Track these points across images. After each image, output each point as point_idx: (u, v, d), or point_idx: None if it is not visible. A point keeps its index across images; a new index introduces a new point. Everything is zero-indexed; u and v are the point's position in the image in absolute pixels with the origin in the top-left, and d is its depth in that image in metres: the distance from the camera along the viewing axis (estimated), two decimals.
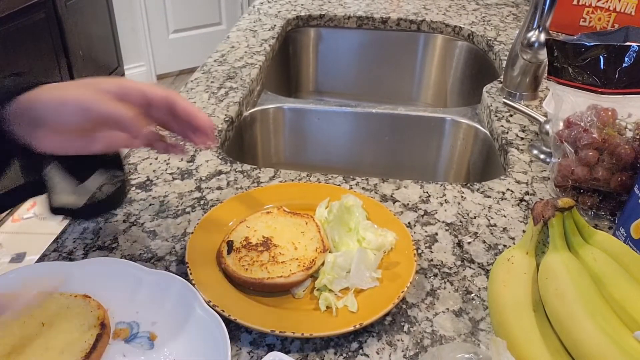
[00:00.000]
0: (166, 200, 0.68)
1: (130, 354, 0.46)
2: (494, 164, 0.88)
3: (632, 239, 0.57)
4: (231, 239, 0.57)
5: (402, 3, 1.44)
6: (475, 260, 0.60)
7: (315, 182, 0.72)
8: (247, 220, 0.60)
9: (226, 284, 0.53)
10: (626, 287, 0.44)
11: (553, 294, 0.44)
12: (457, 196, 0.70)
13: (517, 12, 1.41)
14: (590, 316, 0.41)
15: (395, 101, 1.38)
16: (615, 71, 0.68)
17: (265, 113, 1.02)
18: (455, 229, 0.64)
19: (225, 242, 0.56)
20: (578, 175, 0.64)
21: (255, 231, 0.58)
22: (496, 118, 0.90)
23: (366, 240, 0.56)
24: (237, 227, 0.58)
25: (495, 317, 0.48)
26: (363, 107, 1.05)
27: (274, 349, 0.48)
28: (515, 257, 0.49)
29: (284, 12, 1.35)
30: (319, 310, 0.50)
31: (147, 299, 0.51)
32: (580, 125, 0.65)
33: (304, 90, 1.44)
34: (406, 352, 0.49)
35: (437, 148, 1.05)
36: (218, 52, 1.12)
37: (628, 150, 0.62)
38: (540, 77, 0.93)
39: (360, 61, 1.40)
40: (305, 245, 0.56)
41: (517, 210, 0.68)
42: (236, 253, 0.55)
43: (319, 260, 0.54)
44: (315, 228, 0.58)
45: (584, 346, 0.41)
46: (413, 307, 0.53)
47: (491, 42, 1.20)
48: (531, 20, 0.87)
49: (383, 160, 1.10)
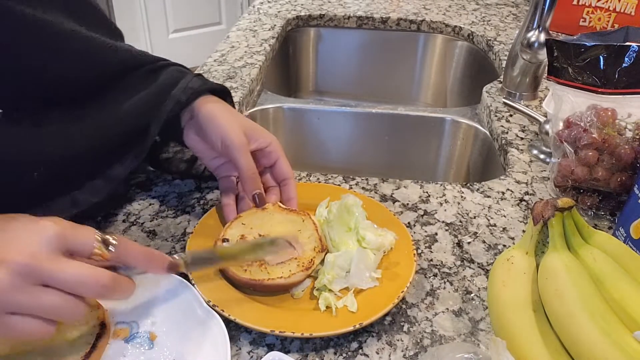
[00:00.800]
0: (166, 200, 0.68)
1: (130, 354, 0.46)
2: (493, 164, 0.88)
3: (632, 239, 0.57)
4: (227, 237, 0.56)
5: (402, 3, 1.44)
6: (475, 260, 0.60)
7: (315, 182, 0.72)
8: (242, 216, 0.59)
9: (226, 284, 0.52)
10: (626, 287, 0.44)
11: (553, 294, 0.44)
12: (456, 196, 0.70)
13: (517, 12, 1.41)
14: (589, 316, 0.41)
15: (395, 101, 1.38)
16: (615, 71, 0.68)
17: (265, 113, 1.02)
18: (455, 229, 0.64)
19: (221, 240, 0.56)
20: (578, 175, 0.64)
21: (251, 229, 0.57)
22: (496, 118, 0.90)
23: (366, 240, 0.56)
24: (232, 224, 0.58)
25: (494, 317, 0.48)
26: (363, 107, 1.05)
27: (273, 349, 0.48)
28: (515, 257, 0.49)
29: (283, 12, 1.35)
30: (318, 310, 0.50)
31: (146, 298, 0.51)
32: (580, 125, 0.65)
33: (304, 90, 1.44)
34: (406, 352, 0.49)
35: (436, 148, 1.05)
36: (218, 52, 1.12)
37: (628, 150, 0.62)
38: (540, 77, 0.93)
39: (360, 61, 1.40)
40: (302, 243, 0.55)
41: (517, 210, 0.68)
42: None
43: (317, 260, 0.54)
44: (312, 226, 0.57)
45: (584, 346, 0.41)
46: (413, 307, 0.53)
47: (491, 42, 1.20)
48: (531, 20, 0.87)
49: (383, 160, 1.10)
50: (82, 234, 0.41)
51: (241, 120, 0.60)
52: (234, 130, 0.58)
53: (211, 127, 0.58)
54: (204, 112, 0.59)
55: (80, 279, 0.38)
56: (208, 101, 0.61)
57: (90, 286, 0.39)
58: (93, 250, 0.40)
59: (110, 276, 0.40)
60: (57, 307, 0.38)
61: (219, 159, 0.63)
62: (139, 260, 0.44)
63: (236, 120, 0.60)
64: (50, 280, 0.38)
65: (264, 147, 0.61)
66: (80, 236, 0.40)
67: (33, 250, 0.37)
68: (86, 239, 0.40)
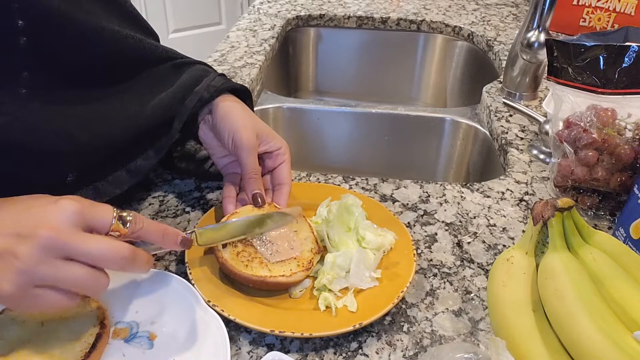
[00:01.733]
0: (166, 200, 0.67)
1: (129, 354, 0.46)
2: (493, 164, 0.88)
3: (632, 239, 0.57)
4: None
5: (402, 3, 1.44)
6: (475, 260, 0.60)
7: (315, 182, 0.72)
8: (238, 212, 0.58)
9: (226, 284, 0.53)
10: (625, 287, 0.44)
11: (552, 294, 0.44)
12: (456, 196, 0.70)
13: (517, 12, 1.41)
14: (589, 316, 0.41)
15: (395, 101, 1.38)
16: (615, 71, 0.68)
17: (265, 113, 1.02)
18: (455, 229, 0.64)
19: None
20: (578, 176, 0.64)
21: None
22: (496, 118, 0.90)
23: (366, 240, 0.56)
24: (228, 219, 0.57)
25: (494, 317, 0.48)
26: (363, 107, 1.05)
27: (273, 349, 0.48)
28: (515, 257, 0.49)
29: (283, 11, 1.35)
30: (318, 310, 0.50)
31: (146, 298, 0.51)
32: (580, 125, 0.65)
33: (304, 90, 1.44)
34: (405, 352, 0.49)
35: (436, 148, 1.05)
36: (218, 52, 1.12)
37: (627, 150, 0.62)
38: (540, 77, 0.93)
39: (360, 61, 1.40)
40: (300, 244, 0.55)
41: (517, 210, 0.68)
42: (232, 247, 0.54)
43: (314, 261, 0.54)
44: (308, 228, 0.57)
45: (583, 346, 0.41)
46: (412, 307, 0.53)
47: (491, 42, 1.20)
48: (531, 20, 0.87)
49: (383, 160, 1.10)
50: (101, 210, 0.42)
51: (255, 121, 0.61)
52: (247, 130, 0.59)
53: (225, 124, 0.60)
54: (221, 109, 0.61)
55: (102, 251, 0.40)
56: (227, 100, 0.62)
57: (112, 258, 0.40)
58: (111, 226, 0.42)
59: (130, 249, 0.42)
60: (81, 279, 0.40)
61: (227, 157, 0.64)
62: (154, 236, 0.46)
63: (250, 120, 0.60)
64: (73, 254, 0.39)
65: (273, 151, 0.62)
66: (99, 213, 0.42)
67: (56, 226, 0.39)
68: (104, 215, 0.42)
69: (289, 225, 0.56)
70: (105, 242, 0.40)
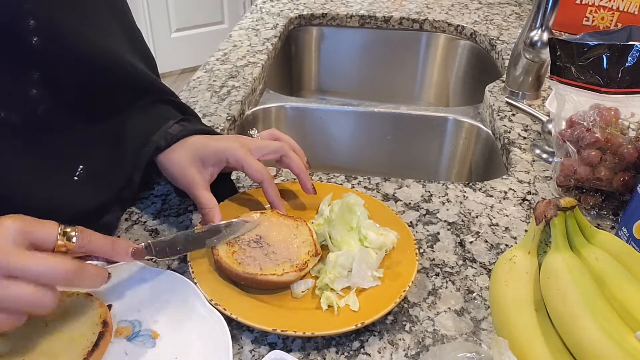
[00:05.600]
0: (168, 199, 0.68)
1: (132, 352, 0.46)
2: (496, 164, 0.88)
3: (635, 238, 0.56)
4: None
5: (405, 2, 1.44)
6: (477, 260, 0.59)
7: (317, 181, 0.72)
8: (240, 217, 0.58)
9: (228, 283, 0.53)
10: (628, 287, 0.44)
11: (555, 293, 0.44)
12: (459, 195, 0.70)
13: (519, 11, 1.41)
14: (592, 316, 0.41)
15: (397, 100, 1.37)
16: (618, 71, 0.68)
17: (267, 112, 1.02)
18: (457, 228, 0.64)
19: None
20: (580, 175, 0.64)
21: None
22: (498, 117, 0.89)
23: (368, 239, 0.56)
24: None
25: (497, 317, 0.48)
26: (365, 106, 1.05)
27: (275, 348, 0.49)
28: (517, 256, 0.49)
29: (286, 10, 1.35)
30: (320, 309, 0.50)
31: (149, 297, 0.51)
32: (583, 124, 0.65)
33: (306, 89, 1.44)
34: (408, 351, 0.49)
35: (439, 147, 1.05)
36: (220, 51, 1.12)
37: (631, 149, 0.62)
38: (542, 76, 0.93)
39: (363, 60, 1.40)
40: (297, 246, 0.55)
41: (519, 210, 0.68)
42: (229, 246, 0.54)
43: (310, 264, 0.54)
44: (307, 231, 0.57)
45: (586, 346, 0.41)
46: (415, 307, 0.53)
47: (494, 42, 1.20)
48: (534, 20, 0.87)
49: (385, 160, 1.10)
50: (45, 227, 0.41)
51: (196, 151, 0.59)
52: (187, 171, 0.58)
53: (167, 174, 0.60)
54: (160, 163, 0.60)
55: (43, 268, 0.39)
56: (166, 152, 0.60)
57: (55, 274, 0.39)
58: (56, 242, 0.41)
59: (75, 263, 0.41)
60: (24, 297, 0.39)
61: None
62: (103, 248, 0.45)
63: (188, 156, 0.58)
64: (15, 272, 0.38)
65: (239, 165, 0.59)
66: (43, 230, 0.41)
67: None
68: (48, 231, 0.41)
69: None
70: (46, 259, 0.39)
